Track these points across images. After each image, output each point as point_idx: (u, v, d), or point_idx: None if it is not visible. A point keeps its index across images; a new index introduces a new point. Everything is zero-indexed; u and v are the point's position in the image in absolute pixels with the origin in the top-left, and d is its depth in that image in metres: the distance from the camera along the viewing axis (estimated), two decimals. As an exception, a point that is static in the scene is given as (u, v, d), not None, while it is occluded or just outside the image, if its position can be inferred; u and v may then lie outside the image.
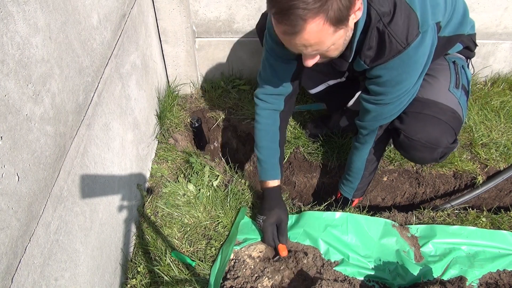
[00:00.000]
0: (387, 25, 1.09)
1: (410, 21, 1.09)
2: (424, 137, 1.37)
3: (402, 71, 1.18)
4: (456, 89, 1.41)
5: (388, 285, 1.46)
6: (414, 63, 1.16)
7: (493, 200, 1.91)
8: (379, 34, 1.11)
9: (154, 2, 1.83)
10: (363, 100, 1.34)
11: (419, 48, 1.12)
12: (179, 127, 2.05)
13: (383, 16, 1.09)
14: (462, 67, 1.47)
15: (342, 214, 1.62)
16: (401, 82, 1.22)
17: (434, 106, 1.37)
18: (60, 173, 0.98)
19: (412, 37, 1.09)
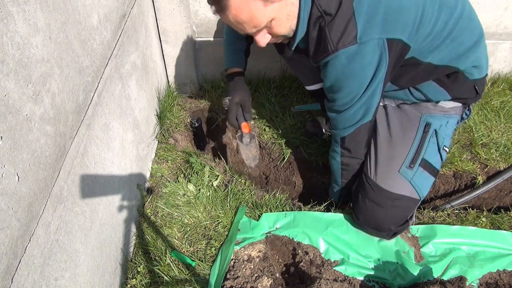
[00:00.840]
0: (327, 25, 1.10)
1: (347, 28, 1.08)
2: (366, 222, 1.50)
3: (339, 77, 1.19)
4: (409, 168, 1.40)
5: (388, 285, 1.46)
6: (350, 73, 1.16)
7: (493, 200, 1.91)
8: (319, 31, 1.13)
9: (154, 2, 1.83)
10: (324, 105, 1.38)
11: (356, 57, 1.11)
12: (179, 127, 2.05)
13: (325, 14, 1.10)
14: (435, 133, 1.43)
15: (342, 214, 1.62)
16: (342, 89, 1.23)
17: (379, 193, 1.41)
18: (60, 173, 0.98)
19: (343, 44, 1.09)
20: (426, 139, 1.42)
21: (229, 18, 1.06)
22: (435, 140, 1.42)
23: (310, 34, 1.16)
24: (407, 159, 1.41)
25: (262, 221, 1.60)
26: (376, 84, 1.19)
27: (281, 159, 2.01)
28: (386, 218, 1.43)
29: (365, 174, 1.48)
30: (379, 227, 1.48)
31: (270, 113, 2.09)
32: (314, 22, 1.12)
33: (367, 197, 1.45)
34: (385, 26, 1.09)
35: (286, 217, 1.61)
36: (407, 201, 1.40)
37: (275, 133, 2.04)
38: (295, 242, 1.54)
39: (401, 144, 1.44)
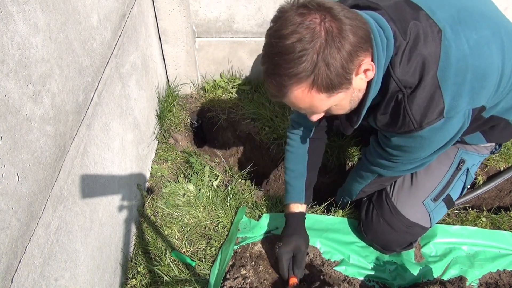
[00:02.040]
0: (407, 98, 0.96)
1: (433, 103, 0.94)
2: (374, 240, 1.49)
3: (412, 146, 1.09)
4: (433, 201, 1.38)
5: (388, 285, 1.46)
6: (429, 144, 1.06)
7: (493, 200, 1.91)
8: (396, 104, 0.99)
9: (154, 2, 1.83)
10: (373, 148, 1.28)
11: (439, 132, 1.00)
12: (179, 127, 2.05)
13: (405, 86, 0.96)
14: (467, 171, 1.39)
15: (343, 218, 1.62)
16: (408, 153, 1.14)
17: (396, 217, 1.39)
18: (60, 173, 0.98)
19: (428, 121, 0.96)
20: (457, 176, 1.38)
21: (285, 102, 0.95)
22: (464, 178, 1.40)
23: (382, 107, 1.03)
24: (434, 191, 1.38)
25: (262, 221, 1.60)
26: (447, 147, 1.10)
27: (281, 159, 2.01)
28: (395, 241, 1.43)
29: (386, 194, 1.44)
30: (386, 247, 1.48)
31: (270, 113, 2.09)
32: (391, 96, 0.99)
33: (382, 217, 1.43)
34: (472, 96, 0.96)
35: (286, 217, 1.61)
36: (419, 229, 1.40)
37: (275, 133, 2.04)
38: (295, 242, 1.54)
39: (432, 176, 1.40)
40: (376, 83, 0.97)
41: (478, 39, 0.95)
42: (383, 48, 0.93)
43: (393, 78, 0.96)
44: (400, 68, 0.95)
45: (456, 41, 0.94)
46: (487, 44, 0.96)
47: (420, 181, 1.41)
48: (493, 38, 0.98)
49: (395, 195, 1.42)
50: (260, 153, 2.11)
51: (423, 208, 1.38)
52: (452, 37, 0.94)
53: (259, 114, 2.10)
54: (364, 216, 1.51)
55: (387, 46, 0.94)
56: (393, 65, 0.95)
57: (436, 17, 0.95)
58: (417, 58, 0.94)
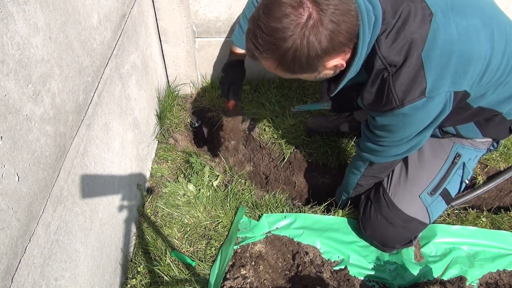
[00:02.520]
0: (391, 76, 1.00)
1: (416, 82, 0.98)
2: (373, 236, 1.50)
3: (395, 124, 1.12)
4: (429, 195, 1.39)
5: (388, 285, 1.46)
6: (411, 122, 1.09)
7: (493, 200, 1.91)
8: (381, 82, 1.03)
9: (154, 2, 1.83)
10: (362, 131, 1.32)
11: (420, 110, 1.04)
12: (179, 127, 2.05)
13: (389, 65, 1.00)
14: (463, 165, 1.40)
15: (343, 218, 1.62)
16: (394, 132, 1.17)
17: (394, 212, 1.41)
18: (60, 173, 0.98)
19: (410, 99, 1.00)
20: (453, 170, 1.40)
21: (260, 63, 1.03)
22: (461, 172, 1.41)
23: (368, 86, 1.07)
24: (431, 185, 1.40)
25: (262, 221, 1.60)
26: (430, 129, 1.14)
27: (281, 159, 2.01)
28: (394, 236, 1.44)
29: (383, 189, 1.46)
30: (385, 243, 1.49)
31: (270, 113, 2.09)
32: (376, 73, 1.03)
33: (380, 212, 1.44)
34: (455, 79, 1.00)
35: (286, 218, 1.61)
36: (418, 224, 1.40)
37: (275, 133, 2.04)
38: (295, 242, 1.54)
39: (427, 170, 1.42)
40: (359, 60, 1.01)
41: (467, 26, 0.99)
42: (369, 26, 0.97)
43: (378, 55, 1.00)
44: (385, 46, 0.99)
45: (445, 26, 0.97)
46: (476, 32, 1.00)
47: (416, 175, 1.42)
48: (483, 28, 1.01)
49: (392, 190, 1.44)
50: (260, 153, 2.11)
51: (420, 202, 1.39)
52: (441, 21, 0.97)
53: (259, 114, 2.10)
54: (362, 212, 1.53)
55: (374, 25, 0.98)
56: (379, 42, 0.99)
57: (430, 1, 0.99)
58: (404, 37, 0.97)
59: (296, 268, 1.45)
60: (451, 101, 1.04)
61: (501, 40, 1.04)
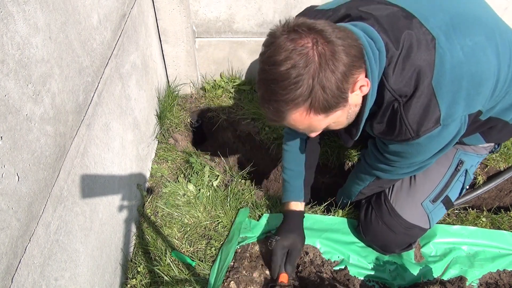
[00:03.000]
0: (403, 107, 0.96)
1: (429, 111, 0.94)
2: (373, 241, 1.49)
3: (408, 152, 1.10)
4: (431, 203, 1.38)
5: (388, 285, 1.46)
6: (426, 150, 1.07)
7: (493, 200, 1.91)
8: (392, 112, 0.99)
9: (154, 2, 1.83)
10: (371, 152, 1.29)
11: (436, 139, 1.01)
12: (179, 127, 2.05)
13: (400, 96, 0.96)
14: (466, 172, 1.39)
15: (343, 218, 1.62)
16: (405, 159, 1.15)
17: (395, 219, 1.40)
18: (60, 173, 0.98)
19: (425, 129, 0.97)
20: (455, 177, 1.39)
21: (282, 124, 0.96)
22: (463, 179, 1.40)
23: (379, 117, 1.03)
24: (433, 193, 1.39)
25: (262, 221, 1.60)
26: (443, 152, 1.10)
27: (281, 159, 2.01)
28: (394, 242, 1.44)
29: (384, 195, 1.45)
30: (385, 249, 1.49)
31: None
32: (387, 105, 0.99)
33: (381, 219, 1.43)
34: (468, 102, 0.96)
35: (286, 217, 1.61)
36: (418, 230, 1.40)
37: (275, 133, 2.04)
38: (295, 242, 1.54)
39: (430, 177, 1.40)
40: (372, 96, 0.98)
41: (473, 46, 0.95)
42: (375, 60, 0.94)
43: (387, 88, 0.96)
44: (393, 78, 0.95)
45: (451, 49, 0.93)
46: (482, 50, 0.96)
47: (418, 183, 1.41)
48: (488, 43, 0.97)
49: (393, 197, 1.42)
50: (260, 153, 2.11)
51: (421, 210, 1.38)
52: (446, 45, 0.93)
53: (259, 114, 2.10)
54: (363, 217, 1.52)
55: (379, 58, 0.94)
56: (387, 75, 0.96)
57: (429, 25, 0.95)
58: (411, 67, 0.94)
59: (296, 268, 1.45)
60: (466, 124, 1.01)
61: (505, 50, 1.02)
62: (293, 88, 0.83)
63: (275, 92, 0.86)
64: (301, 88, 0.83)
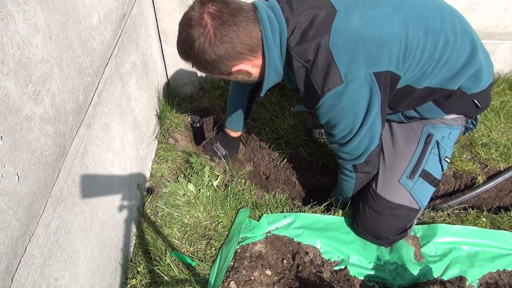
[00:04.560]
0: (310, 71, 1.12)
1: (330, 70, 1.09)
2: (365, 230, 1.51)
3: (332, 116, 1.20)
4: (409, 179, 1.41)
5: (388, 285, 1.46)
6: (342, 109, 1.17)
7: (493, 200, 1.91)
8: (305, 78, 1.15)
9: (154, 2, 1.83)
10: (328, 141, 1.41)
11: (344, 96, 1.12)
12: (179, 127, 2.05)
13: (306, 62, 1.12)
14: (437, 144, 1.43)
15: (343, 217, 1.62)
16: (337, 124, 1.24)
17: (379, 202, 1.43)
18: (60, 173, 0.98)
19: (328, 87, 1.10)
20: (427, 150, 1.43)
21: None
22: (436, 151, 1.43)
23: (297, 85, 1.18)
24: (408, 169, 1.42)
25: (262, 221, 1.60)
26: (374, 115, 1.19)
27: (281, 159, 2.01)
28: (385, 226, 1.44)
29: (368, 183, 1.49)
30: (378, 236, 1.49)
31: (270, 113, 2.09)
32: (297, 70, 1.15)
33: (367, 205, 1.46)
34: (369, 61, 1.09)
35: (286, 218, 1.61)
36: (406, 211, 1.41)
37: (275, 133, 2.04)
38: (295, 242, 1.54)
39: (402, 155, 1.44)
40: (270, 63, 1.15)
41: (373, 14, 1.11)
42: (273, 33, 1.11)
43: (293, 56, 1.13)
44: (296, 46, 1.11)
45: (349, 17, 1.10)
46: (383, 17, 1.11)
47: (393, 162, 1.45)
48: (393, 13, 1.13)
49: (374, 181, 1.46)
50: (260, 153, 2.11)
51: (401, 188, 1.40)
52: (345, 14, 1.10)
53: (259, 114, 2.10)
54: (354, 209, 1.55)
55: (280, 31, 1.12)
56: (290, 45, 1.12)
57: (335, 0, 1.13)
58: (312, 36, 1.09)
59: (296, 268, 1.45)
60: (375, 83, 1.11)
61: (419, 21, 1.14)
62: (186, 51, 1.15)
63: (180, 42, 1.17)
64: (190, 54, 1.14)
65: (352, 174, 1.45)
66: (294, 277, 1.42)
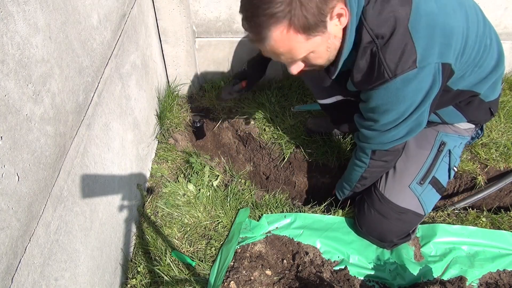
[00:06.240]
0: (380, 49, 1.01)
1: (406, 52, 0.99)
2: (369, 232, 1.50)
3: (389, 101, 1.11)
4: (419, 185, 1.40)
5: (388, 285, 1.46)
6: (403, 97, 1.09)
7: (493, 200, 1.91)
8: (371, 57, 1.03)
9: (154, 2, 1.83)
10: (356, 122, 1.32)
11: (412, 82, 1.04)
12: (179, 127, 2.05)
13: (377, 37, 1.00)
14: (449, 153, 1.42)
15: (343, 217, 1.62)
16: (389, 111, 1.15)
17: (386, 205, 1.41)
18: (60, 173, 0.98)
19: (402, 69, 1.01)
20: (439, 158, 1.42)
21: (265, 48, 0.99)
22: (447, 159, 1.42)
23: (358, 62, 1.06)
24: (419, 175, 1.41)
25: (262, 221, 1.60)
26: (426, 106, 1.13)
27: (281, 159, 2.01)
28: (389, 230, 1.44)
29: (374, 185, 1.48)
30: (382, 238, 1.49)
31: (270, 113, 2.09)
32: (364, 47, 1.03)
33: (373, 207, 1.45)
34: (441, 50, 1.02)
35: (286, 218, 1.61)
36: (412, 216, 1.41)
37: (275, 133, 2.04)
38: (295, 242, 1.54)
39: (414, 160, 1.43)
40: (351, 32, 1.01)
41: (446, 2, 1.03)
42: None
43: (366, 28, 1.00)
44: (372, 18, 0.99)
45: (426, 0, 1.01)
46: (452, 9, 1.04)
47: (404, 168, 1.43)
48: (459, 7, 1.06)
49: (382, 184, 1.45)
50: (260, 153, 2.11)
51: (410, 193, 1.40)
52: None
53: (259, 114, 2.10)
54: (357, 210, 1.54)
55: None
56: (365, 15, 0.99)
57: None
58: (390, 9, 0.98)
59: (296, 268, 1.45)
60: (440, 74, 1.05)
61: (473, 22, 1.09)
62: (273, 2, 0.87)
63: (257, 7, 0.89)
64: (280, 3, 0.87)
65: (366, 161, 1.39)
66: (294, 277, 1.42)
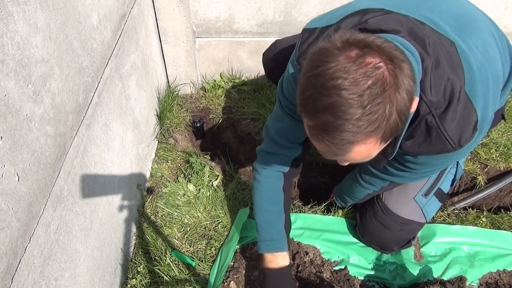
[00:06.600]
0: (438, 119, 0.88)
1: (468, 119, 0.88)
2: (371, 241, 1.50)
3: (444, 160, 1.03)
4: (424, 197, 1.37)
5: (388, 285, 1.46)
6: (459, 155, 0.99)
7: (493, 200, 1.91)
8: (426, 127, 0.91)
9: (154, 2, 1.83)
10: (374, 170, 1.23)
11: (472, 144, 0.94)
12: (179, 127, 2.05)
13: (433, 107, 0.88)
14: (457, 164, 1.38)
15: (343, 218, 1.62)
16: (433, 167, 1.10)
17: (389, 216, 1.39)
18: (60, 173, 0.98)
19: (466, 138, 0.90)
20: (446, 170, 1.38)
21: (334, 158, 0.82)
22: (454, 171, 1.40)
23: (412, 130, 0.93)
24: (424, 187, 1.39)
25: (262, 221, 1.60)
26: None
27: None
28: (392, 240, 1.43)
29: (377, 196, 1.46)
30: (383, 247, 1.49)
31: (270, 113, 2.09)
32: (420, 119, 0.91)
33: (375, 218, 1.43)
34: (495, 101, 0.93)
35: (286, 217, 1.61)
36: (414, 225, 1.40)
37: (275, 133, 2.03)
38: (295, 242, 1.54)
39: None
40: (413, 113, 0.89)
41: (484, 44, 0.92)
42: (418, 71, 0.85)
43: (424, 101, 0.88)
44: (431, 90, 0.87)
45: (471, 51, 0.88)
46: (490, 46, 0.94)
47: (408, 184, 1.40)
48: (490, 38, 0.96)
49: (385, 195, 1.43)
50: (260, 153, 2.11)
51: (414, 204, 1.38)
52: (465, 48, 0.88)
53: (259, 114, 2.10)
54: (359, 219, 1.52)
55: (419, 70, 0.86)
56: (424, 88, 0.87)
57: (442, 29, 0.90)
58: (443, 76, 0.87)
59: (296, 268, 1.45)
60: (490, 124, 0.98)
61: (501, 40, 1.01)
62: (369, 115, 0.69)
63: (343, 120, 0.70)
64: (377, 115, 0.70)
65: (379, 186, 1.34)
66: (294, 277, 1.42)
